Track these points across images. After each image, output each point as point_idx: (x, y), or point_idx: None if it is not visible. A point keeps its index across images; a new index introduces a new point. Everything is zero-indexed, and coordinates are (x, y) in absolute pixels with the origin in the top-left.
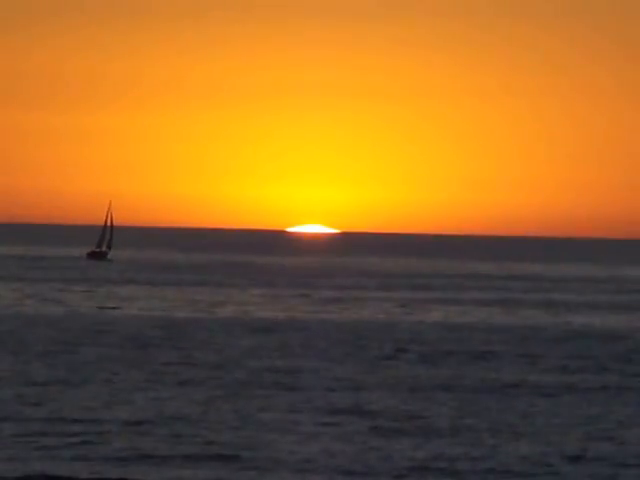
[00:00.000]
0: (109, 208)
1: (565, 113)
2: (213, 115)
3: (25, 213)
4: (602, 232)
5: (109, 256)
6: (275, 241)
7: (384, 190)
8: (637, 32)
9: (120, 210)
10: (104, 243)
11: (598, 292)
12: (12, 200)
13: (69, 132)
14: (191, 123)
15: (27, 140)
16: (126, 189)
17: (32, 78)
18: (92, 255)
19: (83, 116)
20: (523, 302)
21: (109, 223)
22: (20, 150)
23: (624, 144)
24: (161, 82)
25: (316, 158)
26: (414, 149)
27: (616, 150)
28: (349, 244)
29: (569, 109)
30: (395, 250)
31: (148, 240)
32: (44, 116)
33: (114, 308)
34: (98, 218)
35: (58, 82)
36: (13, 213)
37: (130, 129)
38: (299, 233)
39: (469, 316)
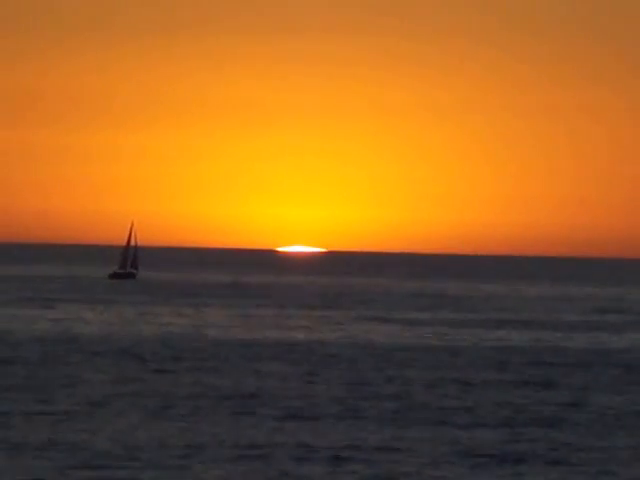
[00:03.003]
0: (132, 228)
1: (532, 132)
2: (205, 135)
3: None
4: (574, 251)
5: (137, 276)
6: (262, 260)
7: (367, 209)
8: (601, 52)
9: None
10: (128, 263)
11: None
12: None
13: (78, 152)
14: (183, 143)
15: (40, 160)
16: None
17: (48, 96)
18: (115, 276)
19: (91, 135)
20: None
21: (133, 243)
22: (33, 170)
23: (591, 162)
24: (165, 100)
25: (308, 177)
26: (395, 168)
27: (584, 168)
28: (329, 263)
29: (536, 128)
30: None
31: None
32: (56, 135)
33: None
34: (101, 238)
35: (75, 101)
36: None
37: (120, 149)
38: (287, 253)
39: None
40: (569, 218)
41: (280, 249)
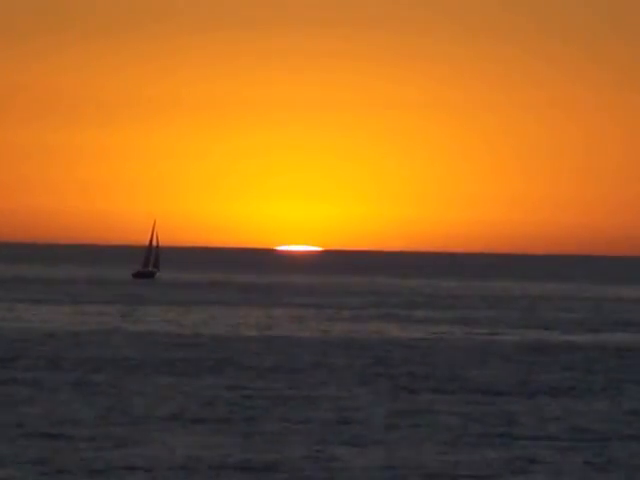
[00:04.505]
0: (154, 228)
1: (540, 130)
2: (200, 133)
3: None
4: (580, 250)
5: (157, 276)
6: (265, 260)
7: (366, 207)
8: (612, 47)
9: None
10: (150, 263)
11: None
12: (48, 221)
13: (67, 151)
14: (177, 141)
15: (67, 160)
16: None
17: (31, 95)
18: (138, 275)
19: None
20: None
21: (155, 243)
22: (56, 170)
23: (602, 159)
24: (162, 98)
25: (309, 175)
26: (397, 165)
27: (594, 165)
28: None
29: (544, 127)
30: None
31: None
32: (75, 134)
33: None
34: (99, 238)
35: (94, 99)
36: (53, 234)
37: (107, 148)
38: (285, 251)
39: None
40: (577, 217)
41: (279, 248)
